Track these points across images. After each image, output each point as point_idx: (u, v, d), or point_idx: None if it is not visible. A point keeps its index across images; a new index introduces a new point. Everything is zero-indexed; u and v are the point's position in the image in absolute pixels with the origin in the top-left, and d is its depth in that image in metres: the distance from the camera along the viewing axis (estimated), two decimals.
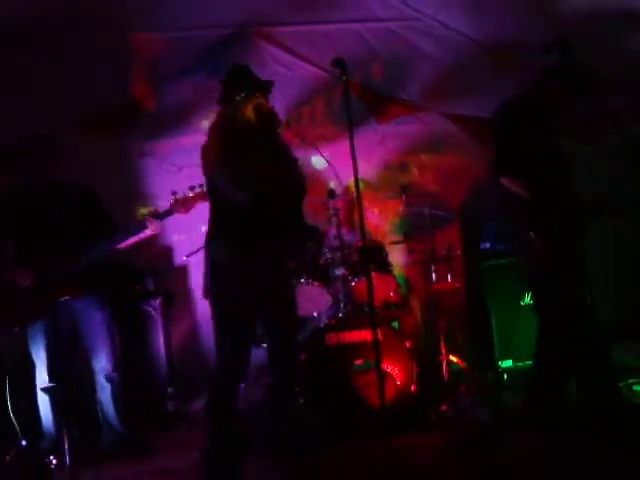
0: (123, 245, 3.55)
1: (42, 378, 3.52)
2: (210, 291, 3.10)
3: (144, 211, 3.61)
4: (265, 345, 3.61)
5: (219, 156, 2.97)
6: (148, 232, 3.52)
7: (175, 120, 4.65)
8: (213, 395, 3.16)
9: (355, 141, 2.92)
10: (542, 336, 3.41)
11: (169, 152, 4.81)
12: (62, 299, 3.44)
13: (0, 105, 3.95)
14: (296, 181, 3.19)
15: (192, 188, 3.38)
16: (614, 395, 3.36)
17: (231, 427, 3.05)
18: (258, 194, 2.96)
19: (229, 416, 3.08)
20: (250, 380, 3.92)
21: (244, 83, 3.16)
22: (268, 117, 3.15)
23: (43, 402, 3.55)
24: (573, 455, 2.94)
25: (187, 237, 4.66)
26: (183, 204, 3.41)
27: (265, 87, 3.20)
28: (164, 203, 3.53)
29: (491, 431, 3.37)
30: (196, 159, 3.18)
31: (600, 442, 3.01)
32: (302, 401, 3.76)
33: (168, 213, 3.47)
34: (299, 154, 3.26)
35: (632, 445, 2.93)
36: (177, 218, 3.57)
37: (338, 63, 3.06)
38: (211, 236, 3.10)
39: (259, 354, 3.65)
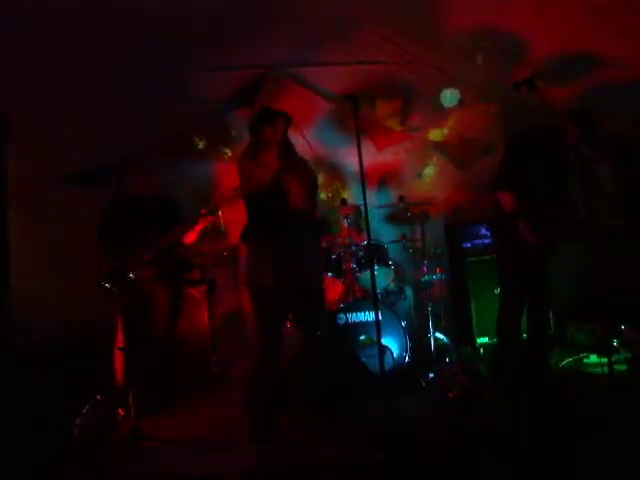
0: (183, 235, 4.16)
1: (119, 340, 3.97)
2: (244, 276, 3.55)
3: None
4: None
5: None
6: (201, 225, 4.17)
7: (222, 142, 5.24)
8: (257, 361, 3.48)
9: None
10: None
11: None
12: (134, 281, 4.01)
13: (103, 135, 4.68)
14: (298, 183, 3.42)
15: (235, 189, 3.93)
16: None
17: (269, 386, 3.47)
18: (262, 193, 3.38)
19: (268, 380, 3.46)
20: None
21: (256, 117, 3.55)
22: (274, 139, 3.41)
23: (118, 361, 3.99)
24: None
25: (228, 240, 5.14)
26: (227, 200, 4.07)
27: (276, 116, 3.43)
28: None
29: (467, 394, 3.80)
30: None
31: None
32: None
33: (217, 207, 4.14)
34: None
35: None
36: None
37: (350, 97, 3.20)
38: (243, 232, 3.60)
39: None
